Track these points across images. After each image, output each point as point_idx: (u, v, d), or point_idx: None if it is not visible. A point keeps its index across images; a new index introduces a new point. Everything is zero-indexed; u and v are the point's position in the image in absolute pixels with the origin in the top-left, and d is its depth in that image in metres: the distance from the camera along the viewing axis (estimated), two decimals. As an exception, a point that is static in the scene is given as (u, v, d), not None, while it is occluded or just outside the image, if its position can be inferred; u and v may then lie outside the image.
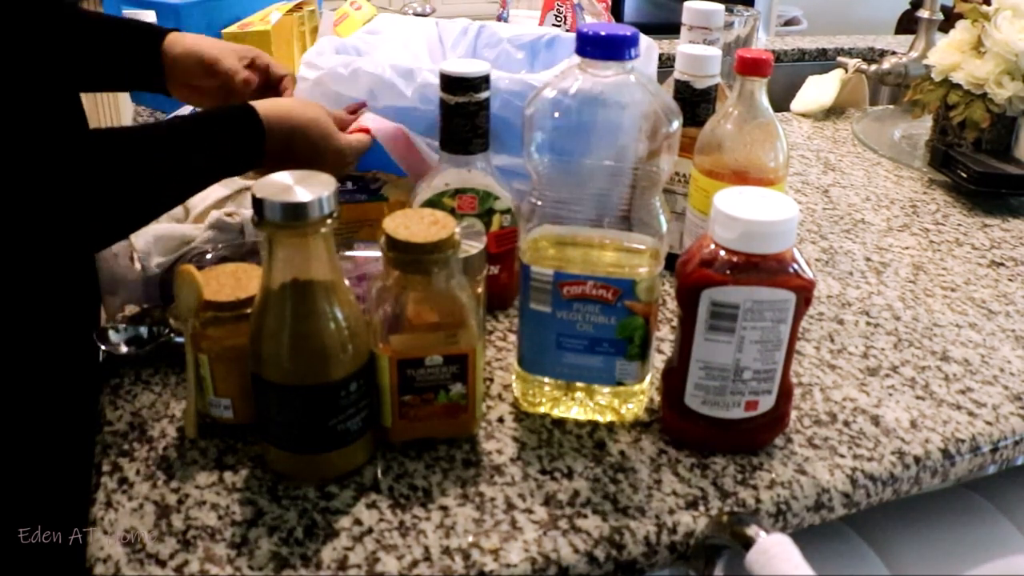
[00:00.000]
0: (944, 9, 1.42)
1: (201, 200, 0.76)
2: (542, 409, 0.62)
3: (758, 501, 0.55)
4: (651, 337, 0.59)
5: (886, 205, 1.03)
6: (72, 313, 0.71)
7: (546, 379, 0.61)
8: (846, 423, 0.63)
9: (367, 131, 0.74)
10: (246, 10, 1.18)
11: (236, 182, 0.77)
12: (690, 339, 0.56)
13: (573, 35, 0.57)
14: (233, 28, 1.10)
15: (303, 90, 0.80)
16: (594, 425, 0.61)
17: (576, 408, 0.62)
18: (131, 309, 0.72)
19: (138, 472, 0.56)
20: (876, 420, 0.63)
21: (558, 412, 0.62)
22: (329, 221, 0.50)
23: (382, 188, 0.79)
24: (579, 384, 0.61)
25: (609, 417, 0.61)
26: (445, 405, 0.57)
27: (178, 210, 0.76)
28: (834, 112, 1.39)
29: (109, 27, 0.81)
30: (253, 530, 0.51)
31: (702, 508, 0.54)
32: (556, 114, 0.55)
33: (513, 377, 0.63)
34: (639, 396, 0.61)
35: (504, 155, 0.74)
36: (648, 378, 0.61)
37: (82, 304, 0.71)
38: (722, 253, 0.53)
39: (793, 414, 0.63)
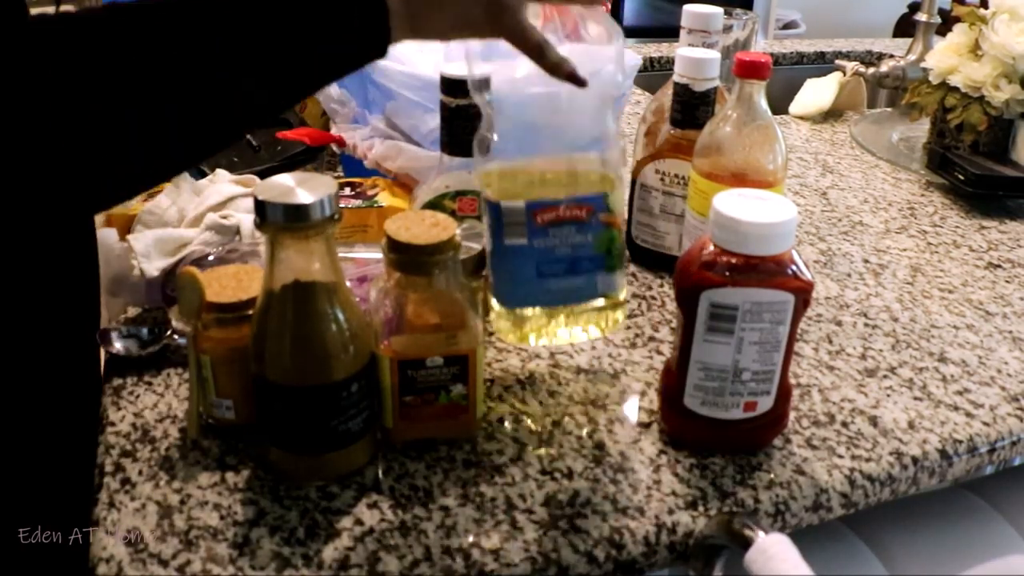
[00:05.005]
0: (942, 12, 1.43)
1: (196, 205, 0.77)
2: (531, 340, 0.61)
3: (757, 501, 0.55)
4: (624, 245, 0.60)
5: (884, 207, 1.03)
6: (71, 313, 0.71)
7: (529, 311, 0.60)
8: (844, 424, 0.63)
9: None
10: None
11: (231, 188, 0.78)
12: (689, 340, 0.56)
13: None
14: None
15: None
16: (594, 426, 0.62)
17: (562, 330, 0.61)
18: (133, 311, 0.73)
19: (140, 472, 0.56)
20: (874, 421, 0.63)
21: (544, 341, 0.61)
22: (331, 223, 0.50)
23: (377, 195, 0.80)
24: (561, 307, 0.60)
25: (594, 331, 0.61)
26: (446, 406, 0.57)
27: (172, 215, 0.76)
28: (832, 115, 1.39)
29: None
30: (255, 530, 0.52)
31: (701, 508, 0.55)
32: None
33: (492, 317, 0.62)
34: (622, 306, 0.61)
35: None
36: (626, 289, 0.62)
37: (82, 304, 0.72)
38: (721, 255, 0.54)
39: (792, 415, 0.63)
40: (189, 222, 0.75)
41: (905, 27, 2.97)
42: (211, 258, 0.68)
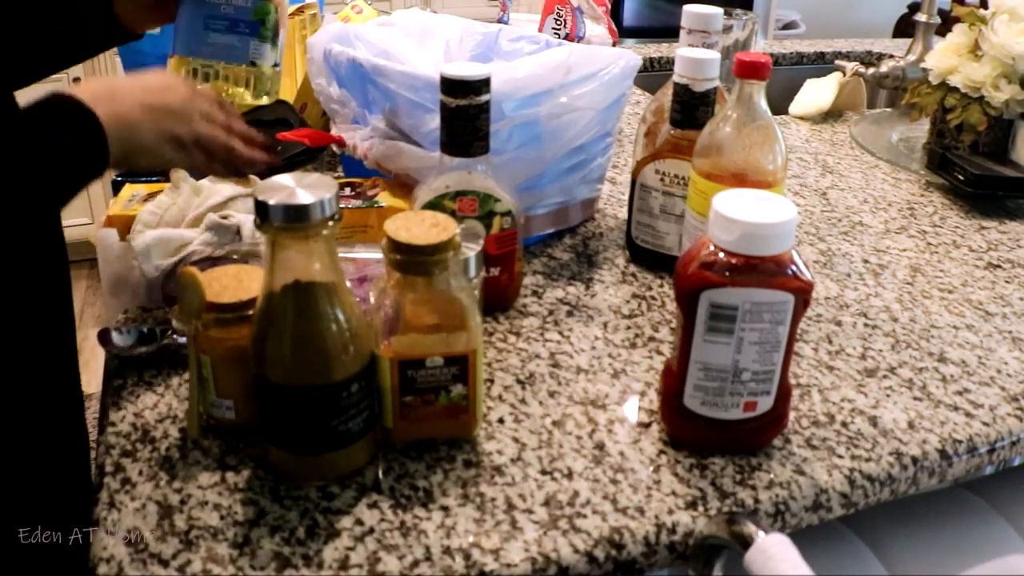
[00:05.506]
0: (941, 13, 1.43)
1: (196, 205, 0.77)
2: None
3: (757, 501, 0.56)
4: (280, 24, 0.71)
5: (884, 207, 1.03)
6: (48, 312, 0.71)
7: (192, 60, 0.72)
8: (844, 424, 0.63)
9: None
10: (247, 13, 1.18)
11: (231, 188, 0.78)
12: (689, 340, 0.56)
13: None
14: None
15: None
16: (594, 426, 0.62)
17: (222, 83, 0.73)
18: (133, 311, 0.73)
19: (141, 472, 0.56)
20: (874, 421, 0.63)
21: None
22: (331, 223, 0.50)
23: (378, 195, 0.80)
24: (219, 69, 0.72)
25: (248, 100, 0.73)
26: (446, 406, 0.57)
27: (172, 215, 0.76)
28: (832, 115, 1.39)
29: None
30: (255, 530, 0.52)
31: (701, 508, 0.55)
32: None
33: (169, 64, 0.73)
34: (275, 77, 0.74)
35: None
36: (275, 62, 0.73)
37: (56, 301, 0.71)
38: (721, 255, 0.54)
39: (791, 415, 0.63)
40: (189, 222, 0.75)
41: (905, 27, 2.97)
42: (211, 258, 0.68)
